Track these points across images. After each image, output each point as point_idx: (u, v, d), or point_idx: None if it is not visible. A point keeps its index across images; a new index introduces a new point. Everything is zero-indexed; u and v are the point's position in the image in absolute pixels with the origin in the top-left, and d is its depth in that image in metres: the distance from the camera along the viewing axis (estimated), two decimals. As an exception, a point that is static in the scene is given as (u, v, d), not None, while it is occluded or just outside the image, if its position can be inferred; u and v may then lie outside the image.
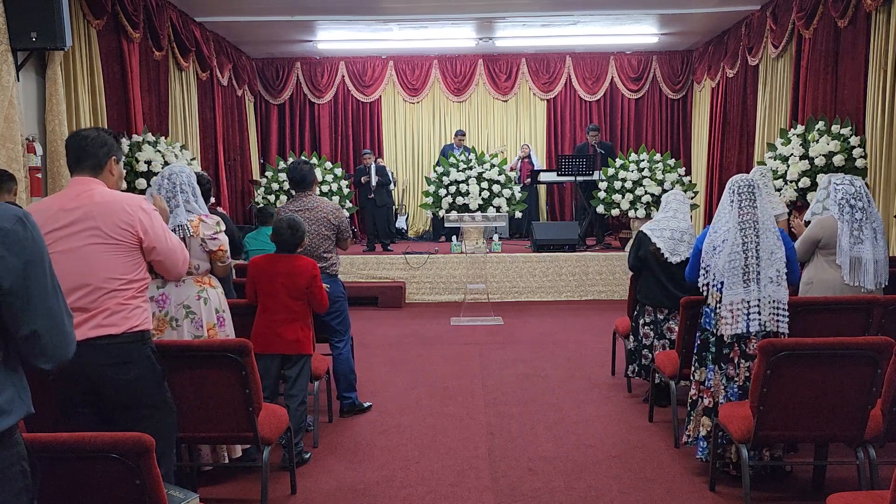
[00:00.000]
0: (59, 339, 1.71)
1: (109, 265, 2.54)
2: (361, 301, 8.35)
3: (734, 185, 3.44)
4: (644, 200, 8.84)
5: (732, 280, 3.33)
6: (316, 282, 3.89)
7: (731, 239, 3.35)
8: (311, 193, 4.54)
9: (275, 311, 3.84)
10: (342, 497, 3.52)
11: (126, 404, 2.58)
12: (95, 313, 2.51)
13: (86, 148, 2.62)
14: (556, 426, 4.43)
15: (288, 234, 3.86)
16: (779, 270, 3.34)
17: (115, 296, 2.54)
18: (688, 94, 12.01)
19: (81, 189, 2.59)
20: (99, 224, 2.54)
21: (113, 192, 2.64)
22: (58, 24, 5.34)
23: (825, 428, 3.15)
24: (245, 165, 10.97)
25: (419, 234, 11.84)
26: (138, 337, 2.60)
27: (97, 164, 2.63)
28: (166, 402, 2.74)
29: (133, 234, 2.59)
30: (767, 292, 3.32)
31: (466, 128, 12.15)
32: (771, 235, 3.36)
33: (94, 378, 2.53)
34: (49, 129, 5.84)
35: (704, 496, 3.44)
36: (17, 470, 1.69)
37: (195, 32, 8.77)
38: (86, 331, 2.49)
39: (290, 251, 3.90)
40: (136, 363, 2.59)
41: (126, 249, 2.59)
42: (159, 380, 2.71)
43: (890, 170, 6.09)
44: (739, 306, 3.33)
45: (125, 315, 2.56)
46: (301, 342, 3.88)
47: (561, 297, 8.75)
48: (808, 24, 7.36)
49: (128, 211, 2.59)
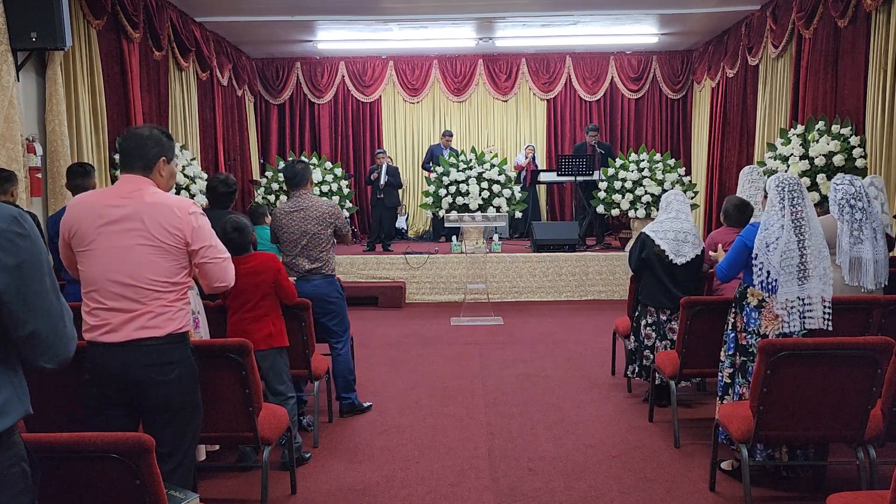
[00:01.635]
0: (59, 339, 1.71)
1: (155, 267, 2.51)
2: (361, 301, 8.35)
3: (783, 183, 3.40)
4: (644, 200, 8.85)
5: (787, 278, 3.32)
6: (280, 275, 3.86)
7: (784, 237, 3.31)
8: (307, 192, 4.52)
9: (243, 311, 3.81)
10: (342, 497, 3.52)
11: (162, 405, 2.56)
12: (139, 314, 2.49)
13: (139, 147, 2.57)
14: (556, 426, 4.43)
15: (235, 236, 3.74)
16: (825, 268, 3.34)
17: (160, 297, 2.52)
18: (688, 94, 12.01)
19: (132, 187, 2.55)
20: (147, 225, 2.50)
21: (163, 194, 2.59)
22: (58, 24, 5.34)
23: (825, 428, 3.14)
24: (245, 165, 10.96)
25: (419, 234, 11.84)
26: (180, 338, 2.59)
27: (147, 164, 2.58)
28: (197, 403, 2.72)
29: (181, 238, 2.55)
30: (819, 290, 3.32)
31: (466, 128, 12.17)
32: (818, 234, 3.36)
33: (135, 379, 2.51)
34: (49, 129, 5.84)
35: (704, 496, 3.44)
36: (16, 471, 1.69)
37: (195, 32, 8.77)
38: (130, 332, 2.47)
39: (243, 252, 3.78)
40: (177, 364, 2.57)
41: (172, 252, 2.54)
42: (195, 381, 2.70)
43: (890, 170, 6.09)
44: (794, 303, 3.32)
45: (169, 317, 2.54)
46: (273, 336, 3.84)
47: (561, 297, 8.75)
48: (808, 24, 7.36)
49: (177, 215, 2.54)
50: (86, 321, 2.52)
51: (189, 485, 2.62)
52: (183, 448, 2.61)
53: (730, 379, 3.62)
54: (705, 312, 4.01)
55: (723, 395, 3.65)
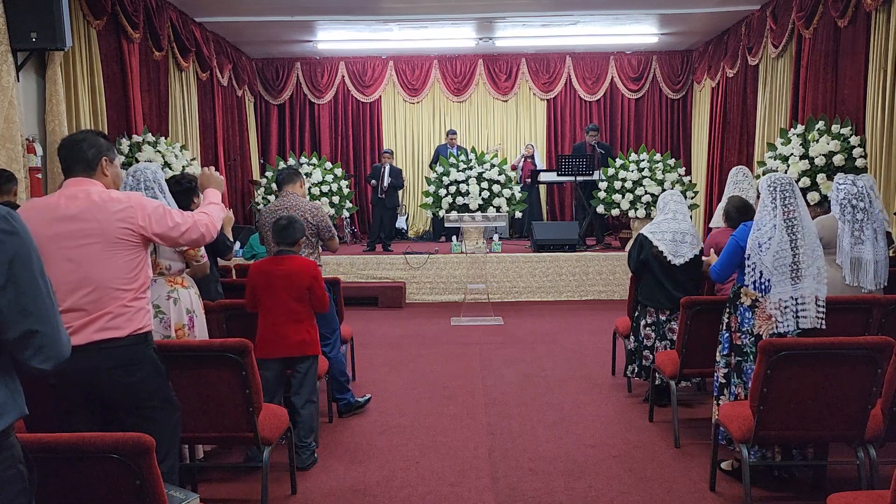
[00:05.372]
0: (52, 339, 1.69)
1: (110, 267, 2.51)
2: (361, 301, 8.35)
3: (775, 183, 3.39)
4: (644, 200, 8.85)
5: (780, 278, 3.32)
6: (317, 282, 3.89)
7: (777, 237, 3.32)
8: (292, 193, 4.54)
9: (277, 314, 3.81)
10: (342, 497, 3.52)
11: (131, 405, 2.57)
12: (98, 316, 2.49)
13: (75, 151, 2.58)
14: (556, 426, 4.43)
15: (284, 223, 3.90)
16: (819, 268, 3.35)
17: (118, 298, 2.52)
18: (688, 94, 12.01)
19: (77, 189, 2.55)
20: (99, 224, 2.51)
21: (110, 192, 2.60)
22: (58, 25, 5.34)
23: (825, 428, 3.14)
24: (245, 166, 10.97)
25: (419, 234, 11.84)
26: (142, 339, 2.59)
27: (88, 167, 2.59)
28: (170, 400, 2.73)
29: (133, 232, 2.56)
30: (812, 290, 3.33)
31: (466, 128, 12.17)
32: (812, 234, 3.36)
33: (99, 381, 2.51)
34: (49, 129, 5.84)
35: (704, 496, 3.44)
36: (13, 473, 1.68)
37: (195, 33, 8.78)
38: (89, 334, 2.47)
39: (284, 243, 3.90)
40: (140, 365, 2.57)
41: (127, 249, 2.55)
42: (163, 379, 2.70)
43: (890, 170, 6.09)
44: (788, 303, 3.32)
45: (128, 318, 2.54)
46: (307, 343, 3.86)
47: (561, 297, 8.75)
48: (808, 24, 7.36)
49: (126, 208, 2.56)
50: None
51: (174, 481, 2.62)
52: (163, 446, 2.58)
53: (725, 379, 3.62)
54: (705, 312, 4.01)
55: (718, 396, 3.65)
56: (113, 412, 2.60)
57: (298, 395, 3.86)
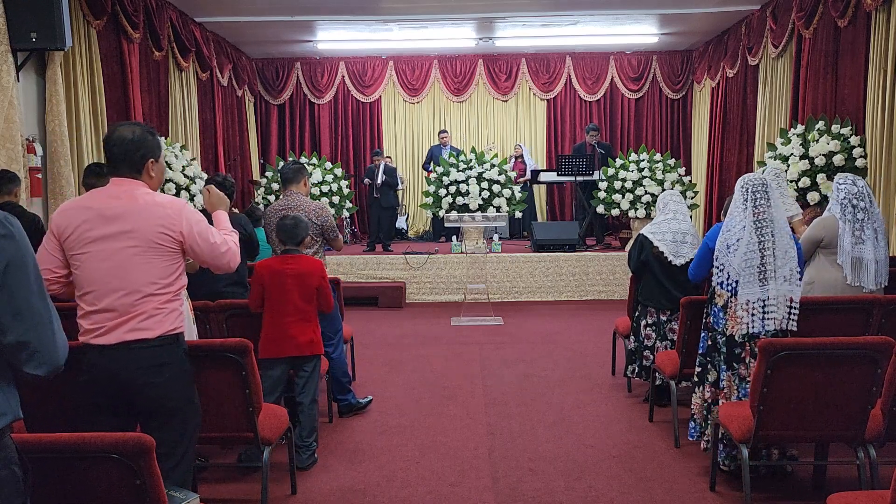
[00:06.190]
0: (46, 346, 1.67)
1: (148, 270, 2.50)
2: (361, 301, 8.35)
3: (748, 184, 3.40)
4: (644, 200, 8.85)
5: (748, 279, 3.32)
6: (325, 282, 3.91)
7: (746, 238, 3.32)
8: (297, 192, 4.53)
9: (286, 313, 3.80)
10: (342, 497, 3.52)
11: (156, 407, 2.56)
12: (131, 317, 2.48)
13: (123, 151, 2.54)
14: (556, 426, 4.43)
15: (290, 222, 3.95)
16: (792, 269, 3.34)
17: (152, 300, 2.51)
18: (688, 94, 12.01)
19: (122, 190, 2.54)
20: (140, 227, 2.49)
21: (155, 195, 2.58)
22: (58, 25, 5.34)
23: (825, 428, 3.14)
24: (245, 166, 10.97)
25: (419, 234, 11.84)
26: (172, 340, 2.58)
27: (134, 168, 2.57)
28: (194, 403, 2.71)
29: (174, 238, 2.54)
30: (783, 291, 3.32)
31: (466, 128, 12.18)
32: (785, 234, 3.36)
33: (127, 381, 2.50)
34: (49, 129, 5.84)
35: (704, 496, 3.44)
36: (6, 474, 1.68)
37: (195, 33, 8.77)
38: (121, 334, 2.47)
39: (290, 242, 3.96)
40: (169, 365, 2.56)
41: (166, 254, 2.54)
42: (190, 381, 2.69)
43: (890, 170, 6.09)
44: (755, 305, 3.32)
45: (160, 319, 2.53)
46: (314, 342, 3.88)
47: (561, 297, 8.75)
48: (808, 24, 7.36)
49: (169, 213, 2.53)
50: (80, 324, 2.51)
51: (188, 484, 2.62)
52: (181, 448, 2.60)
53: (698, 378, 3.68)
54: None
55: (693, 390, 3.73)
56: (136, 414, 2.59)
57: (304, 394, 3.87)
